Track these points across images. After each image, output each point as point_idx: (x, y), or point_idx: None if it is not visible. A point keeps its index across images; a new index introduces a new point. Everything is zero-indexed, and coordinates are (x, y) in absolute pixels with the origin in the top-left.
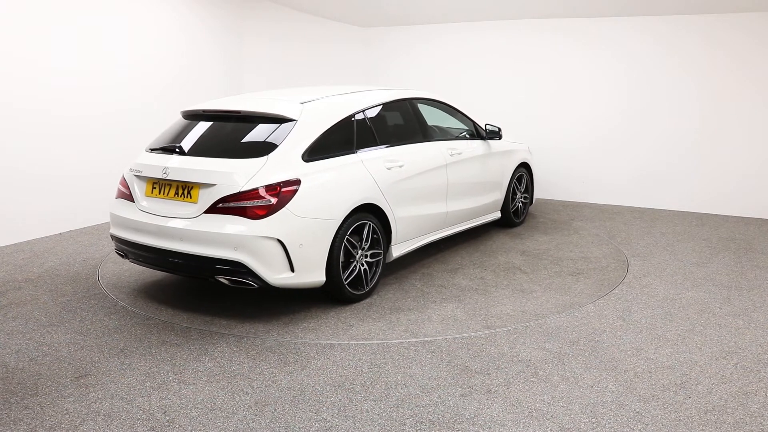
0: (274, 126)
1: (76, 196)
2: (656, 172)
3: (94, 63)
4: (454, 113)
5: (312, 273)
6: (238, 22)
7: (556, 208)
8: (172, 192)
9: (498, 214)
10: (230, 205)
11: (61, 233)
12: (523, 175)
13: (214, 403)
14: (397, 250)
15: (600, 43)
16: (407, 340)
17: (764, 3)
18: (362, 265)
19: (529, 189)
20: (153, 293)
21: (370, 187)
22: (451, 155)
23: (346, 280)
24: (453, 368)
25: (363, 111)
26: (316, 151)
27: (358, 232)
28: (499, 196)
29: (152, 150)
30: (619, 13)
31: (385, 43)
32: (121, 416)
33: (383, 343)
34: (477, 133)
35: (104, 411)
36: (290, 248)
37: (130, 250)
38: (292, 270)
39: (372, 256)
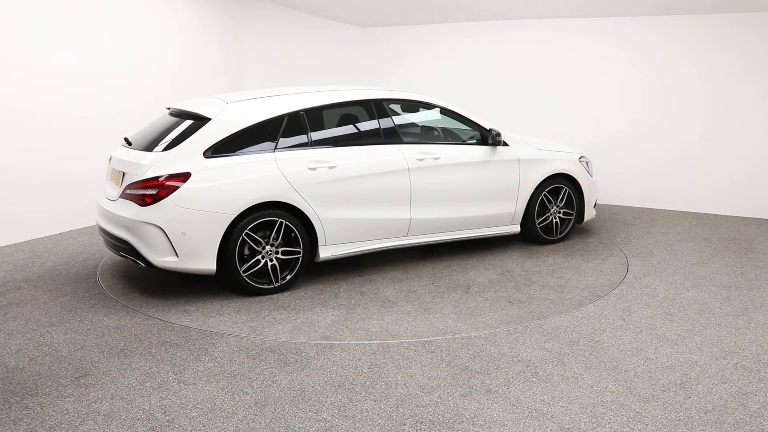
0: (193, 123)
1: (76, 196)
2: (657, 172)
3: (94, 64)
4: (451, 115)
5: (199, 261)
6: (237, 22)
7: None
8: (116, 178)
9: (515, 228)
10: (132, 191)
11: (61, 233)
12: (562, 187)
13: (214, 403)
14: (327, 252)
15: (600, 43)
16: (407, 340)
17: (766, 3)
18: (271, 260)
19: (574, 204)
20: (153, 293)
21: (279, 185)
22: (419, 159)
23: (245, 272)
24: (453, 368)
25: (299, 111)
26: (222, 149)
27: (269, 228)
28: (512, 208)
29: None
30: (620, 12)
31: (387, 44)
32: (121, 416)
33: (383, 343)
34: (482, 137)
35: (104, 411)
36: (171, 235)
37: (98, 230)
38: (177, 255)
39: (285, 253)
